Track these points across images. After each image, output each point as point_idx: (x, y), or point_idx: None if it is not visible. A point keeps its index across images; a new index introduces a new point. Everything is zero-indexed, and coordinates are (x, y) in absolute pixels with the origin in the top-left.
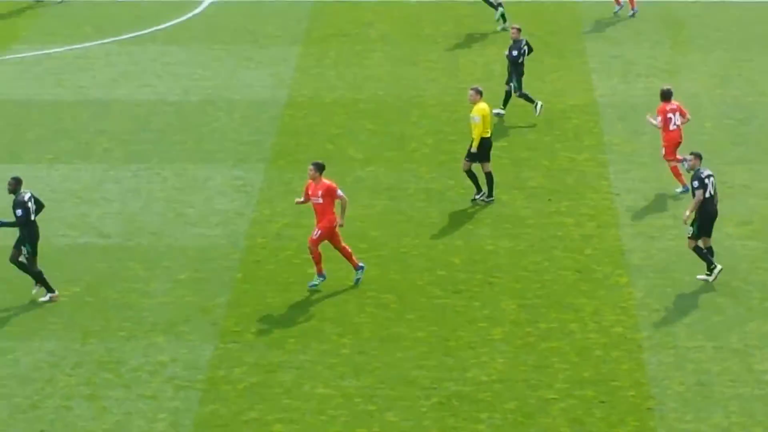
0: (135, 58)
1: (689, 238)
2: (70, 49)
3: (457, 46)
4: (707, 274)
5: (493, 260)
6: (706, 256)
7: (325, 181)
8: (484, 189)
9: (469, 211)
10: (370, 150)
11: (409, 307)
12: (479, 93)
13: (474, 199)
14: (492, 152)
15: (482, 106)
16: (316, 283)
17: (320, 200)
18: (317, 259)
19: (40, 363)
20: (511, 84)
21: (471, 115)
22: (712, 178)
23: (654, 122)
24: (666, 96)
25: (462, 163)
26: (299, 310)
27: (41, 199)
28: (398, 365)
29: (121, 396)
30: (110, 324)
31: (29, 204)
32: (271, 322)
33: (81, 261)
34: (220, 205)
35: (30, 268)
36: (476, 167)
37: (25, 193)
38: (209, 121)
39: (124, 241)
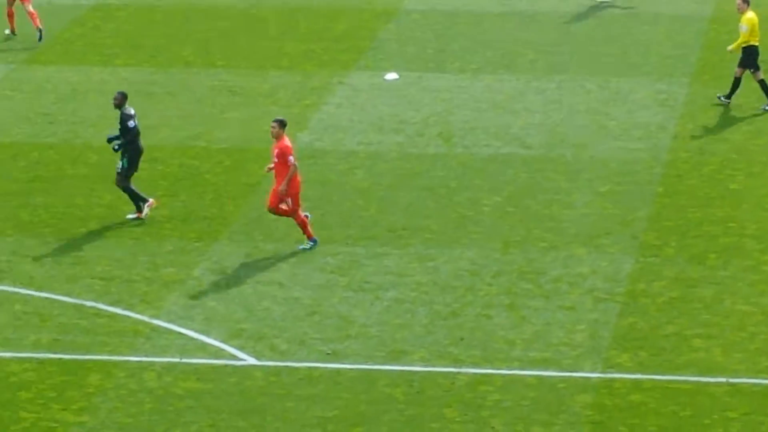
0: None
1: None
2: None
3: None
4: None
5: None
6: None
7: (285, 141)
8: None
9: None
10: None
11: None
12: (746, 2)
13: (720, 97)
14: None
15: (750, 16)
16: (307, 247)
17: (276, 160)
18: (303, 224)
19: (461, 271)
20: None
21: (740, 24)
22: None
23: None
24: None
25: (735, 71)
26: (720, 226)
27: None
28: None
29: (541, 306)
30: (531, 234)
31: (136, 118)
32: (691, 237)
33: (503, 171)
34: (643, 118)
35: (121, 182)
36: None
37: (131, 108)
38: (633, 33)
39: (546, 153)
